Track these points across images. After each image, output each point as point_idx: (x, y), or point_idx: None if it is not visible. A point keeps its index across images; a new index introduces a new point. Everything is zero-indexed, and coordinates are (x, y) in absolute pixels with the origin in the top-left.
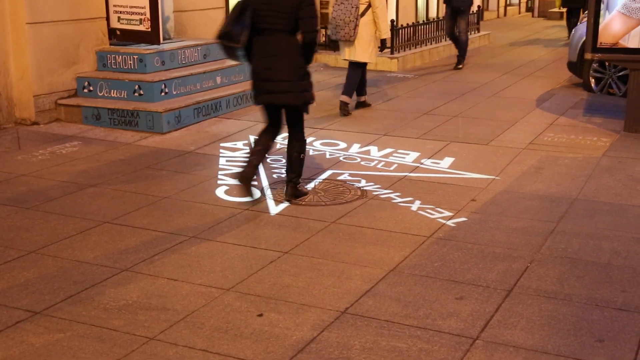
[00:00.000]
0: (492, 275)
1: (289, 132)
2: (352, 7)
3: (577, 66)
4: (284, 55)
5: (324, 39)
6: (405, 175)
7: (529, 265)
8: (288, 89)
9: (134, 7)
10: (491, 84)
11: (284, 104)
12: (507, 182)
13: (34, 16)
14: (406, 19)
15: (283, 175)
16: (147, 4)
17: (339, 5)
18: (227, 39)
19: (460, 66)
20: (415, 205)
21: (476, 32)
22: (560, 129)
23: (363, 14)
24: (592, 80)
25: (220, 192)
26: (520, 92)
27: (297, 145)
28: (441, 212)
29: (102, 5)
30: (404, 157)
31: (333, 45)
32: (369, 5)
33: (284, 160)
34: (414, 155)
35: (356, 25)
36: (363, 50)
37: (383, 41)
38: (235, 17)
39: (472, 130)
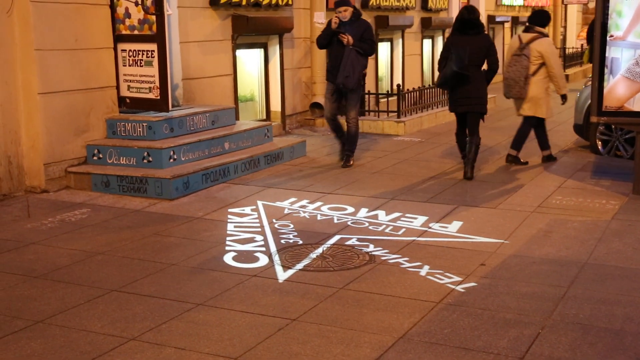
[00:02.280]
0: (503, 342)
1: (469, 133)
2: (522, 68)
3: (583, 129)
4: (477, 81)
5: None
6: (414, 240)
7: (541, 332)
8: (478, 102)
9: (144, 76)
10: (498, 147)
11: (474, 111)
12: (516, 246)
13: (45, 86)
14: (412, 83)
15: (291, 241)
16: (156, 72)
17: (510, 66)
18: (465, 70)
19: (350, 163)
20: (424, 270)
21: None
22: (568, 191)
23: (534, 73)
24: (599, 143)
25: (228, 259)
26: (527, 155)
27: (475, 140)
28: (450, 277)
29: (112, 75)
30: (411, 222)
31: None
32: (541, 65)
33: (292, 226)
34: (421, 219)
35: (526, 84)
36: (533, 105)
37: (563, 96)
38: (464, 55)
39: (479, 193)
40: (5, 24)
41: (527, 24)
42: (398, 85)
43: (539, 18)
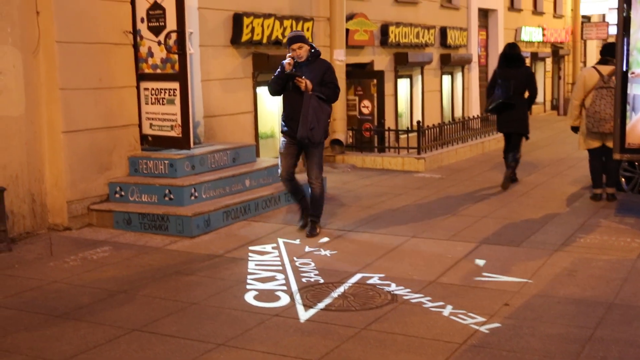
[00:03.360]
0: None
1: (511, 148)
2: None
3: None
4: (519, 107)
5: (351, 139)
6: (436, 279)
7: None
8: (520, 123)
9: (166, 114)
10: (520, 184)
11: (517, 132)
12: (540, 286)
13: (69, 125)
14: (432, 119)
15: (312, 280)
16: (178, 110)
17: (600, 99)
18: (509, 100)
19: (317, 231)
20: (447, 310)
21: None
22: (592, 229)
23: None
24: (623, 180)
25: (249, 298)
26: (549, 191)
27: (517, 154)
28: (474, 318)
29: (134, 113)
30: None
31: (359, 145)
32: None
33: (313, 264)
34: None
35: None
36: None
37: None
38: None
39: (502, 231)
40: (32, 64)
41: (601, 56)
42: (418, 122)
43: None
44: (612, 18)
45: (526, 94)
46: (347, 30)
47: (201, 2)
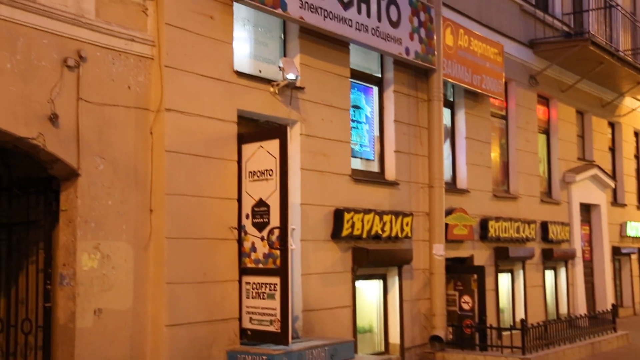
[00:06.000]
0: None
1: None
2: None
3: None
4: None
5: (451, 336)
6: None
7: None
8: None
9: (266, 308)
10: None
11: None
12: None
13: (172, 319)
14: (535, 315)
15: None
16: (278, 305)
17: None
18: None
19: None
20: None
21: (612, 331)
22: None
23: None
24: None
25: None
26: None
27: None
28: None
29: (235, 307)
30: None
31: (460, 342)
32: None
33: None
34: None
35: None
36: None
37: None
38: None
39: None
40: (142, 259)
41: None
42: (522, 320)
43: None
44: None
45: None
46: (446, 225)
47: (304, 199)
